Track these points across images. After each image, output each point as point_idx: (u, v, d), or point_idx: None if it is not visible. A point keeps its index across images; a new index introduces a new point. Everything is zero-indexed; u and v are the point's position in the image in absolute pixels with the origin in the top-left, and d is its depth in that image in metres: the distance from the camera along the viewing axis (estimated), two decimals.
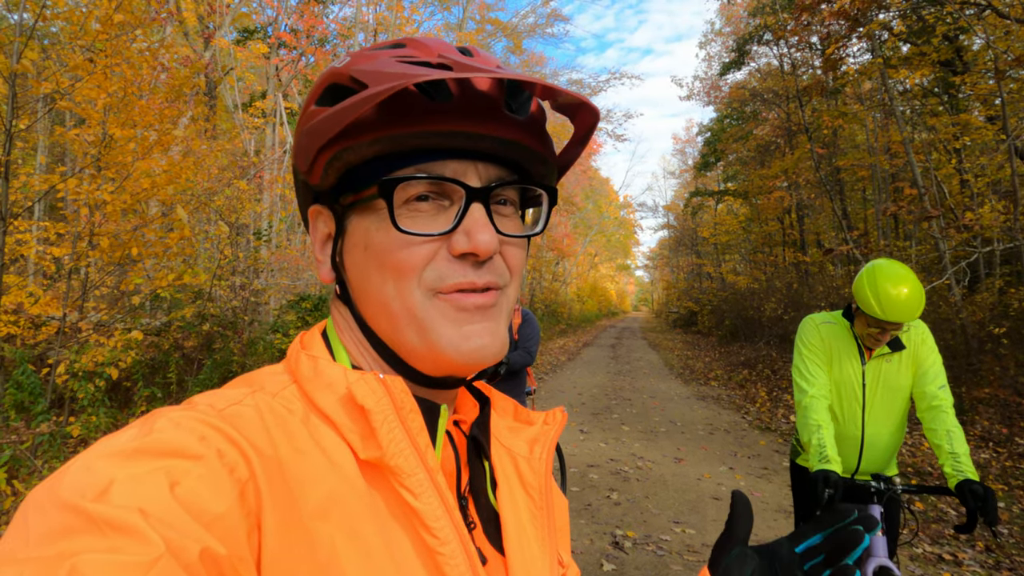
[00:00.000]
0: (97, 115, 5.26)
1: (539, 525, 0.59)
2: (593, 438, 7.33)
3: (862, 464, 2.40)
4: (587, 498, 5.13)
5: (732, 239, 24.86)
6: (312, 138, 0.49)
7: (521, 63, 22.76)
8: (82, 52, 4.83)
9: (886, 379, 2.33)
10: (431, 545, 0.47)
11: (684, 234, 34.52)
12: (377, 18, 16.63)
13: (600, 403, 9.84)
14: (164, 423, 0.41)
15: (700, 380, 12.86)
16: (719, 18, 23.87)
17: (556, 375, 13.32)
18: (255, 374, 0.52)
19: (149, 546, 0.33)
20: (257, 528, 0.40)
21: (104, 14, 5.08)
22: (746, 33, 17.88)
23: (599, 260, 51.71)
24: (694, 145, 34.73)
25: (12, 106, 4.25)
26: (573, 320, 34.20)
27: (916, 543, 4.34)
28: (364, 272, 0.52)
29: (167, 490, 0.36)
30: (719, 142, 22.15)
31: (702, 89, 23.25)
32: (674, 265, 40.51)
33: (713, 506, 4.99)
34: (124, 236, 5.23)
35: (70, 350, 4.76)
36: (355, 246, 0.52)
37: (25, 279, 8.01)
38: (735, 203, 24.74)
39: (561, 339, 23.46)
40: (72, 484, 0.36)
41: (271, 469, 0.42)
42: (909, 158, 10.08)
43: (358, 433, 0.47)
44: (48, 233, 5.60)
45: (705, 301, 26.23)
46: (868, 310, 2.15)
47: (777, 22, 13.27)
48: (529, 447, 0.63)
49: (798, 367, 2.42)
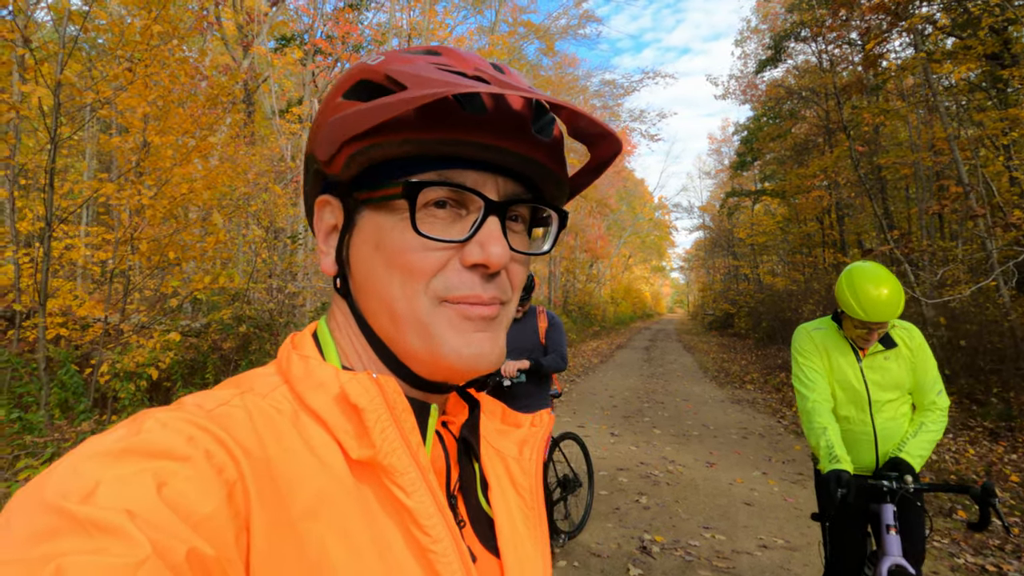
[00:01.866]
0: (137, 123, 5.44)
1: (531, 525, 0.60)
2: (624, 441, 7.28)
3: (881, 458, 2.39)
4: (615, 501, 5.09)
5: (769, 240, 24.36)
6: (339, 129, 0.49)
7: (553, 64, 22.76)
8: (122, 62, 4.99)
9: (886, 375, 2.37)
10: (423, 543, 0.47)
11: (720, 235, 33.99)
12: (411, 23, 16.77)
13: (632, 406, 9.76)
14: (152, 424, 0.41)
15: (735, 383, 12.65)
16: (755, 15, 23.51)
17: (588, 377, 13.26)
18: (245, 376, 0.52)
19: (135, 547, 0.33)
20: (246, 529, 0.40)
21: (144, 25, 5.25)
22: (783, 30, 17.55)
23: (633, 262, 51.29)
24: (730, 145, 34.23)
25: (57, 115, 4.42)
26: (607, 322, 34.00)
27: (959, 554, 4.21)
28: (371, 269, 0.52)
29: (154, 491, 0.36)
30: (756, 141, 21.75)
31: (738, 87, 22.93)
32: (710, 267, 39.91)
33: (744, 511, 4.90)
34: (163, 240, 5.38)
35: (112, 351, 4.92)
36: (365, 242, 0.52)
37: (73, 283, 8.32)
38: (772, 203, 24.26)
39: (594, 341, 23.35)
40: (57, 485, 0.36)
41: (260, 470, 0.42)
42: (954, 155, 9.76)
43: (350, 432, 0.47)
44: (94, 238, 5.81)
45: (741, 303, 25.79)
46: (851, 313, 2.23)
47: (814, 18, 12.97)
48: (519, 448, 0.64)
49: (797, 375, 2.47)
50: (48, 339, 5.17)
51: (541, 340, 3.75)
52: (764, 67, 18.63)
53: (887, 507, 2.18)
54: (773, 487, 5.54)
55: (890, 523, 2.16)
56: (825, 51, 15.47)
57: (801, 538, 4.36)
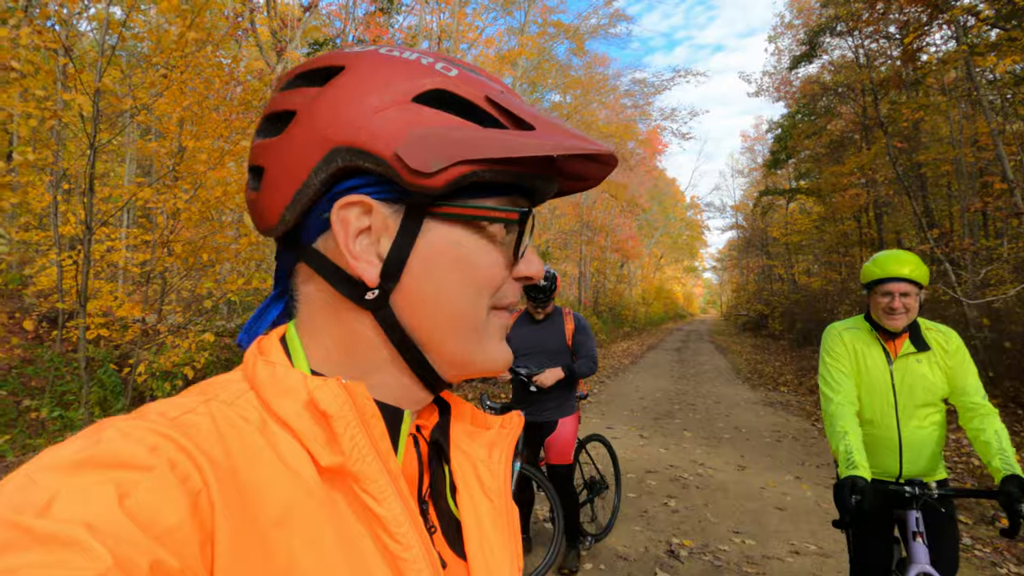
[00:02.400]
0: (173, 128, 5.58)
1: (500, 527, 0.59)
2: (653, 443, 7.21)
3: (904, 467, 2.31)
4: (643, 504, 5.04)
5: (804, 239, 23.87)
6: (461, 147, 0.48)
7: (583, 64, 22.63)
8: (158, 69, 5.12)
9: (916, 379, 2.28)
10: (394, 551, 0.47)
11: (754, 234, 33.46)
12: (441, 25, 16.89)
13: (662, 408, 9.67)
14: (112, 433, 0.40)
15: (769, 385, 12.43)
16: (789, 10, 23.05)
17: (618, 379, 13.17)
18: (210, 382, 0.51)
19: (96, 560, 0.32)
20: (211, 540, 0.39)
21: (179, 32, 5.38)
22: (817, 25, 17.19)
23: (665, 262, 50.82)
24: (764, 143, 33.63)
25: (96, 122, 4.55)
26: (638, 323, 33.73)
27: (1002, 564, 4.07)
28: (438, 280, 0.51)
29: (115, 503, 0.35)
30: (790, 139, 21.32)
31: (771, 84, 22.54)
32: (743, 266, 39.30)
33: (775, 516, 4.81)
34: (197, 242, 5.51)
35: (149, 351, 5.05)
36: (436, 254, 0.51)
37: (114, 284, 8.57)
38: (808, 202, 23.79)
39: (625, 342, 23.19)
40: (13, 499, 0.34)
41: (225, 479, 0.41)
42: (998, 150, 9.43)
43: (320, 440, 0.46)
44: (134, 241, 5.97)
45: (776, 303, 25.35)
46: (869, 276, 2.28)
47: (849, 12, 12.66)
48: (488, 451, 0.63)
49: (823, 376, 2.42)
50: (89, 339, 5.33)
51: (567, 342, 3.73)
52: (798, 63, 18.25)
53: (912, 513, 2.13)
54: (806, 491, 5.43)
55: (916, 530, 2.09)
56: (862, 46, 15.11)
57: (835, 544, 4.26)
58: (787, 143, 21.56)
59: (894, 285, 2.23)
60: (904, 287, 2.23)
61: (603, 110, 23.13)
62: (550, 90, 21.72)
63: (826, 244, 21.80)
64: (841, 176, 17.02)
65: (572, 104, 21.28)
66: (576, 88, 21.34)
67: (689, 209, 47.42)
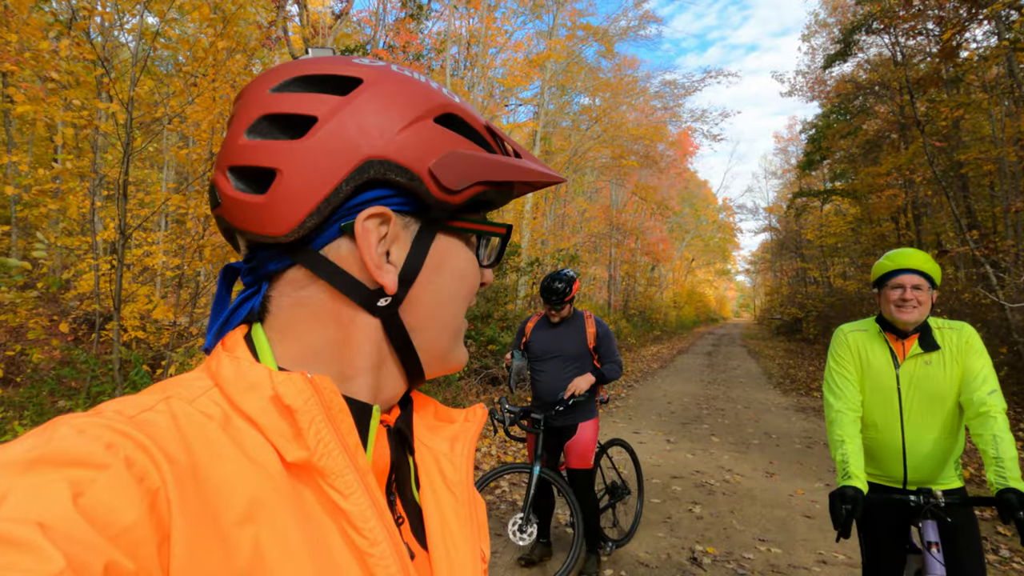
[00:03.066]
0: (205, 135, 5.71)
1: (462, 519, 0.60)
2: (680, 448, 7.12)
3: (909, 474, 2.22)
4: (668, 510, 4.98)
5: (840, 241, 23.34)
6: (481, 170, 0.55)
7: (613, 67, 22.50)
8: (189, 77, 5.24)
9: (924, 382, 2.18)
10: (361, 546, 0.46)
11: (787, 237, 32.85)
12: (470, 30, 16.99)
13: (690, 412, 9.55)
14: (66, 431, 0.38)
15: (801, 390, 12.18)
16: (823, 8, 22.60)
17: (646, 383, 13.05)
18: (171, 381, 0.50)
19: (47, 562, 0.31)
20: (167, 539, 0.38)
21: (210, 40, 5.51)
22: (852, 22, 16.82)
23: (696, 265, 50.22)
24: (797, 143, 33.04)
25: (129, 130, 4.69)
26: (668, 327, 33.38)
27: None
28: (439, 289, 0.57)
29: (69, 501, 0.34)
30: (824, 139, 20.90)
31: (804, 84, 22.09)
32: (777, 269, 38.59)
33: (803, 524, 4.71)
34: (226, 246, 5.63)
35: (179, 353, 5.18)
36: (439, 264, 0.56)
37: (151, 287, 8.80)
38: (843, 203, 23.28)
39: (655, 346, 22.97)
40: None
41: (184, 477, 0.40)
42: None
43: (285, 435, 0.46)
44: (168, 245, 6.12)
45: (810, 307, 24.85)
46: (881, 270, 2.27)
47: (885, 8, 12.37)
48: (450, 445, 0.64)
49: (826, 380, 2.37)
50: (123, 341, 5.48)
51: (589, 345, 3.71)
52: (832, 62, 17.88)
53: (928, 523, 2.05)
54: None
55: (931, 540, 2.02)
56: (898, 43, 14.76)
57: None
58: (821, 143, 21.16)
59: (905, 277, 2.19)
60: (916, 279, 2.18)
61: (632, 112, 22.95)
62: (579, 93, 21.65)
63: (862, 246, 21.30)
64: (878, 177, 16.62)
65: (601, 107, 21.15)
66: (605, 91, 21.21)
67: (721, 211, 46.77)
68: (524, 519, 3.55)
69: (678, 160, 30.92)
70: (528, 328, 3.83)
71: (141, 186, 10.25)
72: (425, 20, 17.09)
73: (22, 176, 5.51)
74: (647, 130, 22.44)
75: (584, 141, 20.70)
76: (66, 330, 4.88)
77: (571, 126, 21.83)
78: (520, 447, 6.66)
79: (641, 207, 31.08)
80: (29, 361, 5.13)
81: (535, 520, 3.68)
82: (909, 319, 2.18)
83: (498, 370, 9.82)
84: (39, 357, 4.66)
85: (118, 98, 4.89)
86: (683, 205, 39.53)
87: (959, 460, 2.27)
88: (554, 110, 20.82)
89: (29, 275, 4.70)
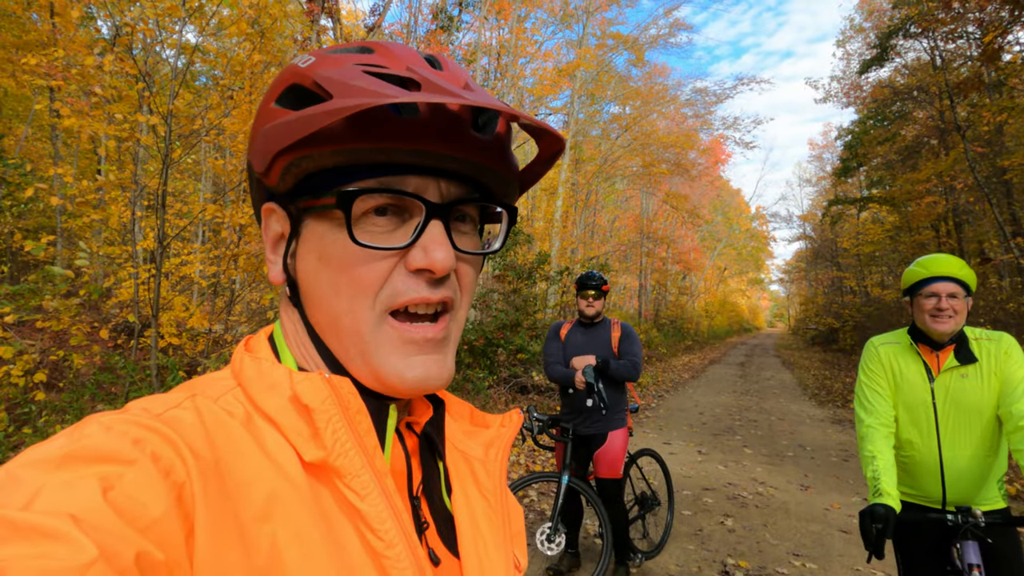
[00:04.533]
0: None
1: (495, 527, 0.59)
2: (712, 460, 7.00)
3: (948, 493, 2.11)
4: (699, 522, 4.90)
5: (877, 249, 22.83)
6: (270, 141, 0.48)
7: (643, 75, 22.41)
8: (226, 91, 5.38)
9: (961, 397, 2.07)
10: (376, 548, 0.46)
11: (822, 245, 32.24)
12: (500, 40, 17.09)
13: (722, 423, 9.39)
14: (95, 428, 0.40)
15: (837, 402, 11.89)
16: (858, 13, 22.22)
17: (677, 393, 12.88)
18: (197, 380, 0.52)
19: (81, 551, 0.32)
20: (192, 532, 0.39)
21: (246, 54, 5.66)
22: (888, 27, 16.50)
23: (729, 274, 49.55)
24: (832, 150, 32.42)
25: (168, 141, 4.83)
26: (700, 336, 32.96)
27: None
28: (316, 281, 0.51)
29: (100, 495, 0.35)
30: (861, 146, 20.46)
31: (840, 90, 21.72)
32: (812, 278, 37.85)
33: (840, 540, 4.58)
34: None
35: (213, 360, 5.28)
36: (309, 252, 0.51)
37: (188, 296, 9.02)
38: (880, 211, 22.75)
39: (686, 356, 22.67)
40: None
41: (207, 472, 0.41)
42: None
43: (304, 434, 0.47)
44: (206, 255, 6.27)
45: (847, 317, 24.29)
46: (913, 278, 2.16)
47: (922, 12, 12.10)
48: (484, 450, 0.63)
49: (857, 395, 2.27)
50: (160, 348, 5.62)
51: (614, 349, 3.68)
52: (868, 67, 17.53)
53: (969, 544, 1.95)
54: None
55: (973, 562, 1.91)
56: (937, 47, 14.42)
57: None
58: (858, 150, 20.72)
59: (940, 285, 2.08)
60: (951, 287, 2.07)
61: (663, 120, 22.82)
62: (609, 102, 21.59)
63: (901, 255, 20.79)
64: (917, 183, 16.23)
65: (631, 115, 21.08)
66: (635, 99, 21.12)
67: (754, 219, 46.14)
68: (552, 529, 3.52)
69: (710, 168, 30.61)
70: (563, 333, 3.81)
71: (179, 197, 10.53)
72: (456, 32, 17.29)
73: (67, 187, 5.71)
74: (678, 138, 22.28)
75: (614, 150, 20.65)
76: (106, 337, 5.03)
77: (601, 135, 21.77)
78: (549, 456, 6.62)
79: (672, 215, 30.83)
80: (70, 367, 5.29)
81: (563, 530, 3.64)
82: (945, 329, 2.07)
83: (527, 379, 9.80)
84: (80, 363, 4.80)
85: (158, 111, 5.05)
86: (715, 214, 39.09)
87: (1003, 479, 2.16)
88: (584, 119, 20.79)
89: (72, 283, 4.85)
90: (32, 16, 8.62)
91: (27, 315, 4.54)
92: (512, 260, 10.96)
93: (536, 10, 17.74)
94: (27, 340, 5.18)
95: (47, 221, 10.31)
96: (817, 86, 38.84)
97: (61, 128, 5.67)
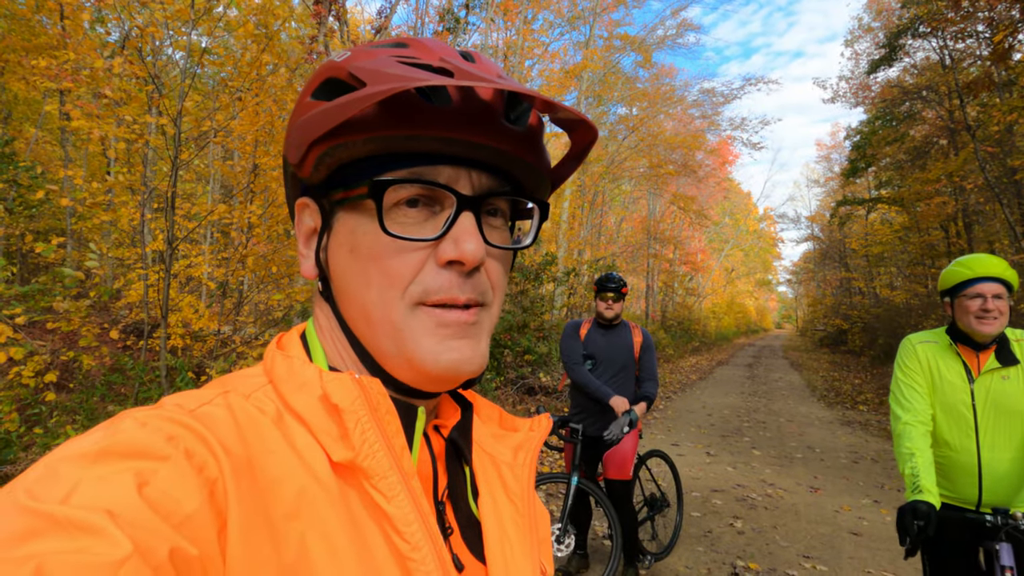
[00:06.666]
0: (248, 148, 5.87)
1: (523, 532, 0.58)
2: (720, 461, 6.97)
3: (984, 496, 2.08)
4: (708, 524, 4.87)
5: (886, 250, 22.68)
6: (305, 131, 0.48)
7: (650, 76, 22.37)
8: (233, 92, 5.40)
9: (1001, 398, 2.04)
10: (402, 550, 0.46)
11: (831, 246, 32.07)
12: (506, 42, 17.10)
13: (731, 425, 9.35)
14: (130, 424, 0.40)
15: (846, 404, 11.83)
16: (867, 12, 22.12)
17: (685, 394, 12.84)
18: (230, 376, 0.52)
19: (116, 547, 0.33)
20: (225, 528, 0.39)
21: (253, 56, 5.68)
22: (897, 26, 16.41)
23: (736, 275, 49.38)
24: (841, 151, 32.26)
25: (177, 143, 4.85)
26: (708, 337, 32.83)
27: None
28: (347, 273, 0.51)
29: (135, 491, 0.36)
30: (869, 146, 20.35)
31: (848, 90, 21.62)
32: (820, 280, 37.70)
33: (851, 542, 4.55)
34: (268, 256, 5.76)
35: (220, 361, 5.30)
36: (340, 245, 0.51)
37: (196, 296, 9.06)
38: (889, 211, 22.62)
39: (693, 357, 22.61)
40: (34, 488, 0.35)
41: (240, 469, 0.42)
42: None
43: (333, 434, 0.47)
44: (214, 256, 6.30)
45: (855, 318, 24.14)
46: (955, 279, 2.12)
47: (931, 11, 12.02)
48: (513, 454, 0.62)
49: (893, 392, 2.23)
50: (169, 349, 5.64)
51: (635, 355, 3.68)
52: (877, 67, 17.43)
53: (1004, 546, 1.92)
54: (885, 516, 5.11)
55: (1007, 564, 1.89)
56: (946, 46, 14.33)
57: (916, 573, 3.99)
58: (866, 150, 20.61)
59: (985, 286, 2.04)
60: (996, 288, 2.04)
61: (670, 121, 22.78)
62: (616, 103, 21.55)
63: (910, 255, 20.68)
64: (926, 184, 16.11)
65: (638, 116, 21.03)
66: (642, 100, 21.08)
67: (761, 220, 45.97)
68: (561, 530, 3.50)
69: (717, 169, 30.53)
70: (582, 332, 3.79)
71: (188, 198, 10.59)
72: (463, 34, 17.31)
73: (77, 189, 5.74)
74: (685, 139, 22.22)
75: (621, 151, 20.61)
76: (116, 337, 5.05)
77: (608, 136, 21.74)
78: (558, 457, 6.60)
79: (679, 217, 30.75)
80: (80, 368, 5.33)
81: (572, 531, 3.63)
82: (991, 331, 2.05)
83: (534, 380, 9.78)
84: (90, 363, 4.82)
85: (167, 113, 5.07)
86: (723, 215, 38.99)
87: None
88: (591, 120, 20.79)
89: (82, 284, 4.88)
90: (42, 19, 8.69)
91: (38, 316, 4.57)
92: (519, 261, 10.96)
93: (543, 11, 17.73)
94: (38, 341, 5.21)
95: (57, 223, 10.39)
96: (825, 86, 38.80)
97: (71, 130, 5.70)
